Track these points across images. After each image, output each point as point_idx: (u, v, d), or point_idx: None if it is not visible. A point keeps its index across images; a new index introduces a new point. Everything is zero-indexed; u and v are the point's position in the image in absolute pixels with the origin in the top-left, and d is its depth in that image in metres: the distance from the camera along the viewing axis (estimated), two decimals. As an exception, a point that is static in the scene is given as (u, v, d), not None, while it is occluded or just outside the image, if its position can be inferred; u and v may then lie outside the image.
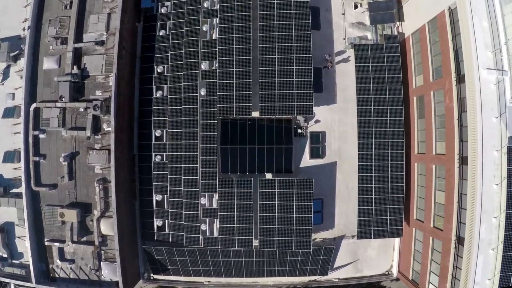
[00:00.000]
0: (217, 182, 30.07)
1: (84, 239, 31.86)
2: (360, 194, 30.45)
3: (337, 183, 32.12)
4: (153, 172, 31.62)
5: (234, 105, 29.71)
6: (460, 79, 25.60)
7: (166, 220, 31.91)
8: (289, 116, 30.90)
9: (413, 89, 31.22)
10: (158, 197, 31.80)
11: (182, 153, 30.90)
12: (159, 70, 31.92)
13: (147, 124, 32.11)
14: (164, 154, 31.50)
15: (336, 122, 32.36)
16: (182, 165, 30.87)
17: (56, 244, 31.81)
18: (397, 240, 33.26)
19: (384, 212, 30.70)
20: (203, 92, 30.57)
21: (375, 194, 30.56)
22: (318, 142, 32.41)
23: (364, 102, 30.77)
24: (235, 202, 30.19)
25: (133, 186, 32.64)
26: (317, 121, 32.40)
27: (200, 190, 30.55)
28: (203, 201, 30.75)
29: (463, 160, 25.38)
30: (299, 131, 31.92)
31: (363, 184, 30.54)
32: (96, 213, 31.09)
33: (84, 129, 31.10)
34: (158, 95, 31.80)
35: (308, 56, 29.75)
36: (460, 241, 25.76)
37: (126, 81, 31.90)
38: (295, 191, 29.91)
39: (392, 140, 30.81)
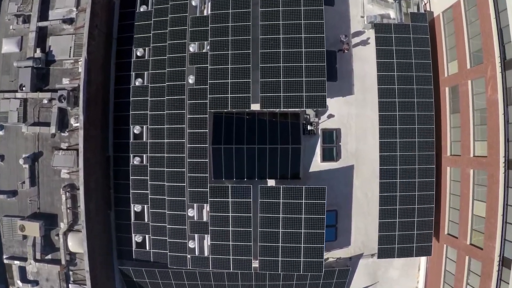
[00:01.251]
0: (208, 190, 27.04)
1: (49, 257, 29.38)
2: (381, 204, 27.52)
3: (354, 191, 29.25)
4: (130, 177, 28.39)
5: (229, 95, 26.64)
6: (506, 64, 22.88)
7: (147, 236, 28.78)
8: (296, 109, 28.04)
9: (445, 78, 28.29)
10: (137, 207, 28.61)
11: (165, 155, 27.69)
12: (138, 54, 28.69)
13: (124, 119, 28.94)
14: (144, 155, 28.41)
15: (353, 118, 29.31)
16: (165, 169, 27.67)
17: (17, 262, 29.46)
18: (423, 258, 30.30)
19: (410, 226, 27.70)
20: (191, 80, 27.59)
21: (400, 205, 27.56)
22: (331, 142, 29.28)
23: (387, 93, 27.70)
24: (230, 214, 27.04)
25: (108, 194, 29.66)
26: (330, 116, 29.26)
27: (187, 200, 27.47)
28: (191, 213, 27.65)
29: (510, 164, 22.74)
30: (308, 128, 28.84)
31: (386, 193, 27.55)
32: (63, 226, 28.42)
33: (48, 124, 28.52)
34: (137, 83, 28.53)
35: (321, 36, 26.50)
36: (505, 262, 23.05)
37: (99, 66, 28.87)
38: (303, 201, 26.66)
39: (421, 139, 27.73)
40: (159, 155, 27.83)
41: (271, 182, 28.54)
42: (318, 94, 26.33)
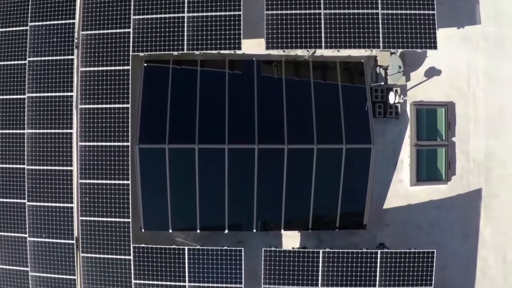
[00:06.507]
0: (131, 257, 13.22)
1: None
2: (536, 277, 15.20)
3: (481, 251, 16.13)
4: None
5: (185, 14, 13.39)
6: None
7: None
8: (355, 53, 14.70)
9: None
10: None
11: (25, 166, 14.51)
12: None
13: None
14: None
15: (481, 78, 15.99)
16: (27, 203, 14.04)
17: None
18: None
19: None
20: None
21: None
22: (434, 135, 15.21)
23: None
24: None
25: None
26: (431, 73, 15.58)
27: (80, 283, 14.12)
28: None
29: None
30: (392, 99, 14.30)
31: (546, 252, 15.09)
32: None
33: None
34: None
35: None
36: None
37: None
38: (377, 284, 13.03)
39: None
40: None
41: (291, 240, 14.21)
42: (416, 13, 12.77)
